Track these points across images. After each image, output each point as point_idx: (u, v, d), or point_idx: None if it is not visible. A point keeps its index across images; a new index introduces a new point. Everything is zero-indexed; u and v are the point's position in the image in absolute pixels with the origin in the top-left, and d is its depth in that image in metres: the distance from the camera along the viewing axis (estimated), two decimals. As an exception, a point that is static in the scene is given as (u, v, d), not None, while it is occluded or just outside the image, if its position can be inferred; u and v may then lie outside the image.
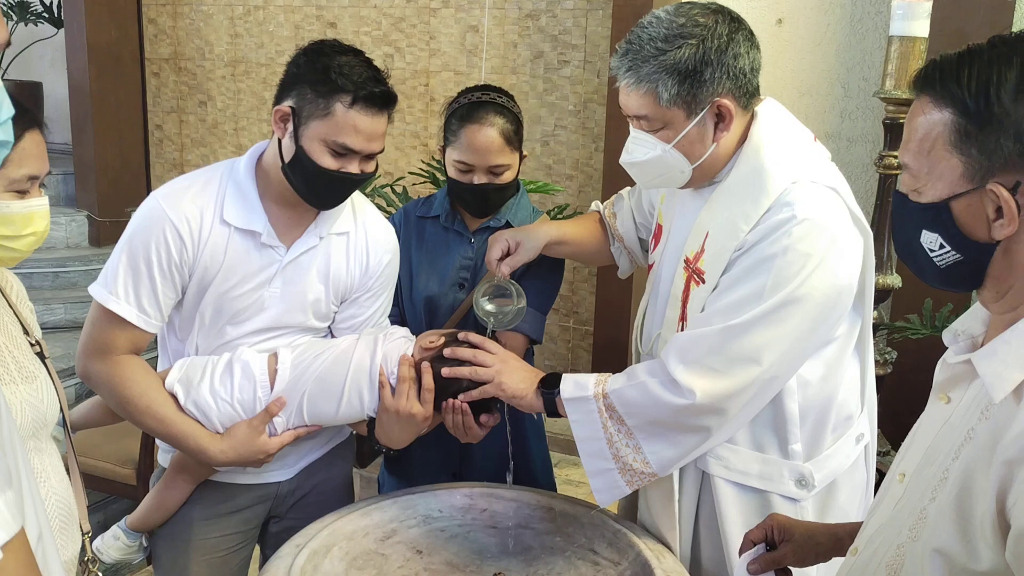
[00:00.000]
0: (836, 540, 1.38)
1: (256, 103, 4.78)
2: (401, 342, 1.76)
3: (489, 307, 1.82)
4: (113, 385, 1.65)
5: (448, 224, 2.06)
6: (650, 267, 1.84)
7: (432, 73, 4.28)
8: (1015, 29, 2.80)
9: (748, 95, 1.56)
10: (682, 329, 1.64)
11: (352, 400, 1.70)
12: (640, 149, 1.59)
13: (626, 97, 1.56)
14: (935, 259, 1.03)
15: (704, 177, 1.61)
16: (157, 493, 1.79)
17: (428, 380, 1.68)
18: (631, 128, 1.61)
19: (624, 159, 1.63)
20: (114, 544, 1.82)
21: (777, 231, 1.49)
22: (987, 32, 2.86)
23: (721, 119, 1.54)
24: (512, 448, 1.93)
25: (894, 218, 1.11)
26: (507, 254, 1.86)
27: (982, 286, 1.03)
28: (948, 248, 1.01)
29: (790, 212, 1.48)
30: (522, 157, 2.02)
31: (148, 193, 5.46)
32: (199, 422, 1.68)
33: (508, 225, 2.05)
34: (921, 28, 2.47)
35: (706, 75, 1.49)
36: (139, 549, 1.84)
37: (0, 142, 0.87)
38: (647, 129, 1.56)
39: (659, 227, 1.82)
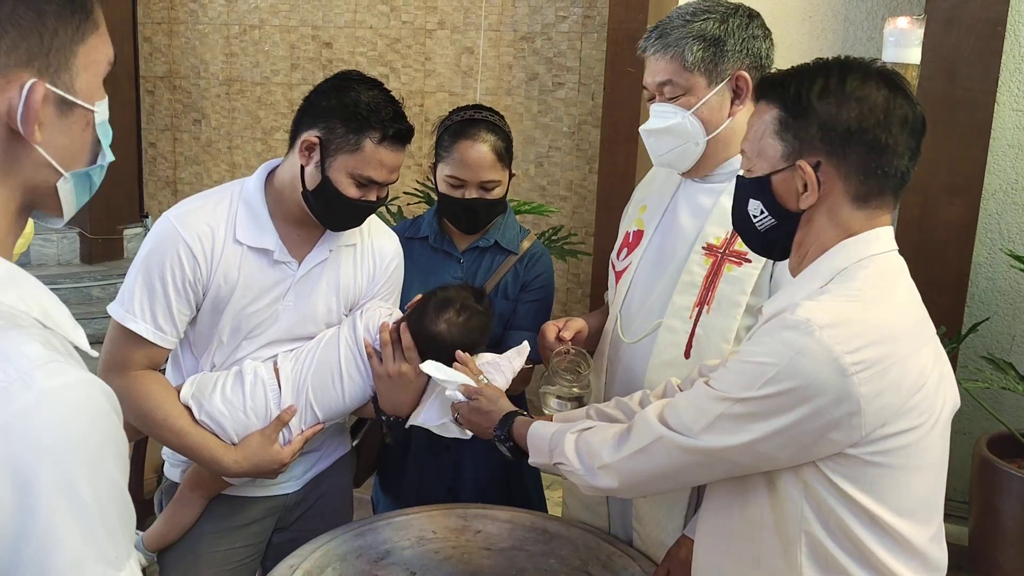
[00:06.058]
0: None
1: (250, 122, 4.79)
2: (381, 311, 1.81)
3: (555, 404, 1.72)
4: (131, 399, 1.69)
5: (437, 244, 2.08)
6: (621, 272, 1.84)
7: (427, 94, 4.30)
8: (1005, 55, 2.84)
9: None
10: (698, 315, 1.65)
11: (353, 377, 1.76)
12: (660, 118, 1.69)
13: (652, 67, 1.68)
14: (756, 223, 1.31)
15: (714, 158, 1.69)
16: (171, 510, 1.81)
17: (407, 339, 1.73)
18: (653, 105, 1.70)
19: (644, 127, 1.72)
20: None
21: None
22: (977, 59, 2.89)
23: (738, 93, 1.66)
24: (505, 470, 1.91)
25: (734, 197, 1.36)
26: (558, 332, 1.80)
27: (791, 254, 1.31)
28: (767, 214, 1.30)
29: None
30: (511, 176, 2.04)
31: (141, 211, 5.45)
32: (214, 434, 1.71)
33: (497, 245, 2.07)
34: (913, 55, 2.51)
35: (728, 46, 1.64)
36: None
37: (100, 168, 0.92)
38: (669, 96, 1.67)
39: (636, 233, 1.86)
